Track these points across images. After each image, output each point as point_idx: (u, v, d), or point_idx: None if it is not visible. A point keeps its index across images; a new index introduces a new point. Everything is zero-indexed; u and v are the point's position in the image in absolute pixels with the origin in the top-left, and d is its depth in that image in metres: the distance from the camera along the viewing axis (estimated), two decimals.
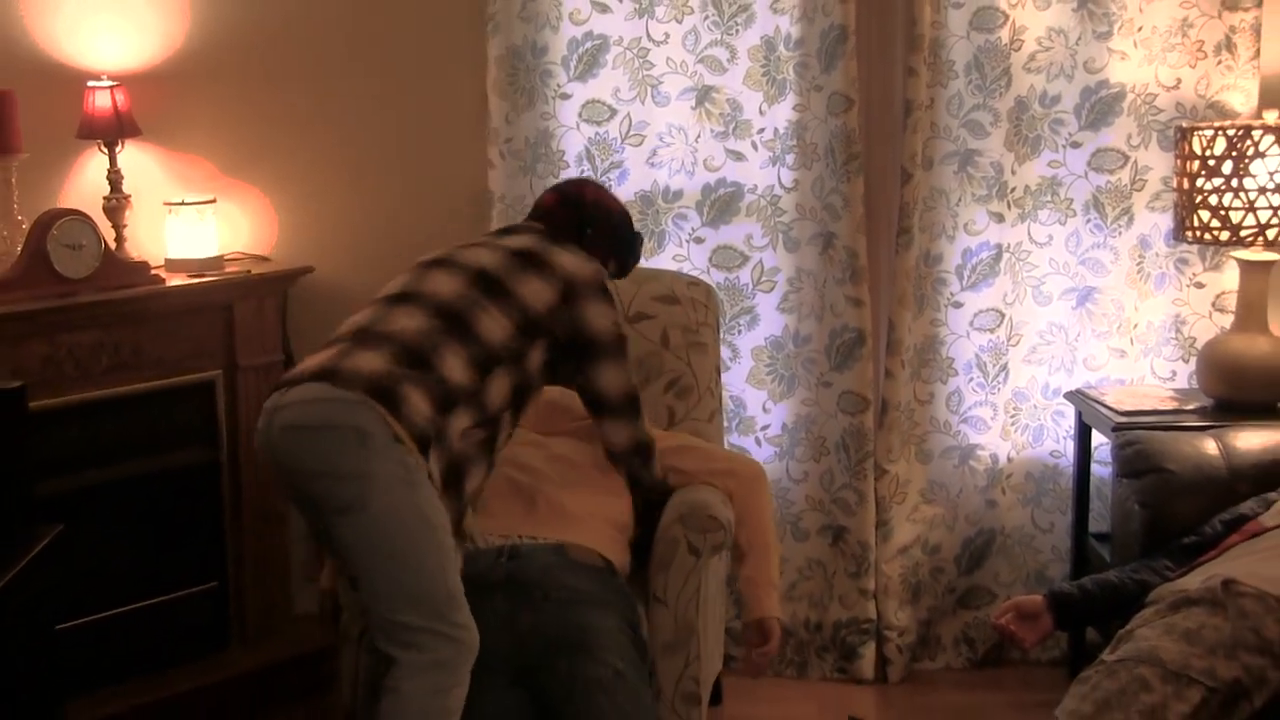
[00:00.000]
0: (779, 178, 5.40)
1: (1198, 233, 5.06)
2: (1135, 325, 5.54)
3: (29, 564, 3.75)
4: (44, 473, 4.56)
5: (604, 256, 4.21)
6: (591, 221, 4.24)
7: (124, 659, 5.15)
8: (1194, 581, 4.07)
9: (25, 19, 5.14)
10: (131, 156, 5.21)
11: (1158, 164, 5.38)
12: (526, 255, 4.00)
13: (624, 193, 5.39)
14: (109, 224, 5.10)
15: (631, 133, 5.40)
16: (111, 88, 5.06)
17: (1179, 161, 5.12)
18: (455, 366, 3.67)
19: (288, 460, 3.66)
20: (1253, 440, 4.73)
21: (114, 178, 5.13)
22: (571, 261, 4.02)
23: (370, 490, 3.49)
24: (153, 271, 5.09)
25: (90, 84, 5.06)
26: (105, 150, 5.11)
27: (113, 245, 5.04)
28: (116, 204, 5.14)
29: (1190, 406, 5.18)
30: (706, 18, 5.31)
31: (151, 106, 5.24)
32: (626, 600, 4.09)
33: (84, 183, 5.26)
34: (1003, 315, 5.50)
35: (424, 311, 3.78)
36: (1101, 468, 5.44)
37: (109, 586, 5.13)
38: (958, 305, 5.49)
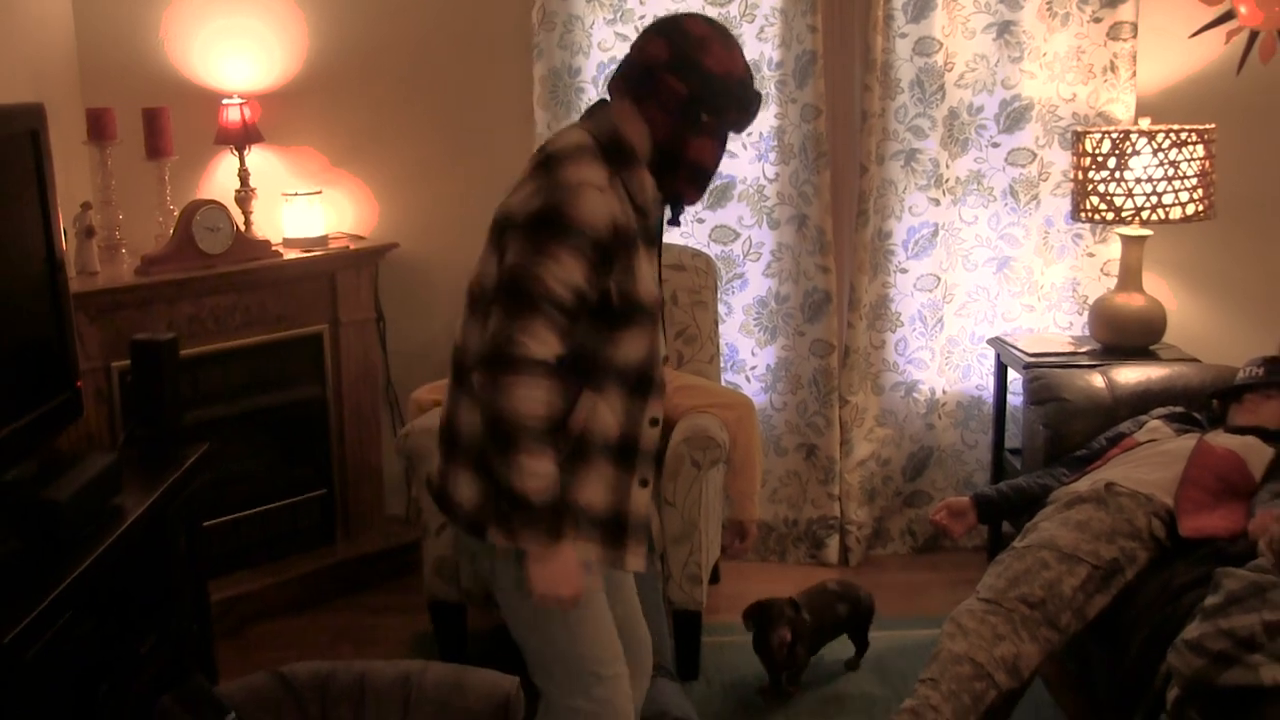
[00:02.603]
0: (763, 171, 5.50)
1: (1089, 214, 5.16)
2: (1041, 286, 5.65)
3: (182, 475, 3.94)
4: (192, 404, 4.77)
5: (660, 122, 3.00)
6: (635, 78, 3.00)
7: (253, 549, 5.32)
8: (1083, 485, 4.24)
9: (175, 51, 5.29)
10: (256, 157, 5.32)
11: (1059, 160, 5.50)
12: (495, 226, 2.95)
13: None
14: (239, 211, 5.22)
15: None
16: (240, 104, 5.19)
17: (1075, 158, 5.20)
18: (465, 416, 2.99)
19: None
20: (1130, 375, 4.88)
21: (243, 175, 5.26)
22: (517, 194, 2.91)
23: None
24: (273, 248, 5.18)
25: (224, 101, 5.19)
26: (236, 153, 5.25)
27: (242, 227, 5.17)
28: (245, 195, 5.27)
29: (1083, 349, 5.28)
30: None
31: (272, 118, 5.36)
32: None
33: (220, 179, 5.39)
34: (939, 279, 5.61)
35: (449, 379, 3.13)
36: (1015, 398, 5.52)
37: (242, 493, 5.27)
38: (904, 271, 5.59)
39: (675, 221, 3.21)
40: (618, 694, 3.03)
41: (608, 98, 3.08)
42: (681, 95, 2.93)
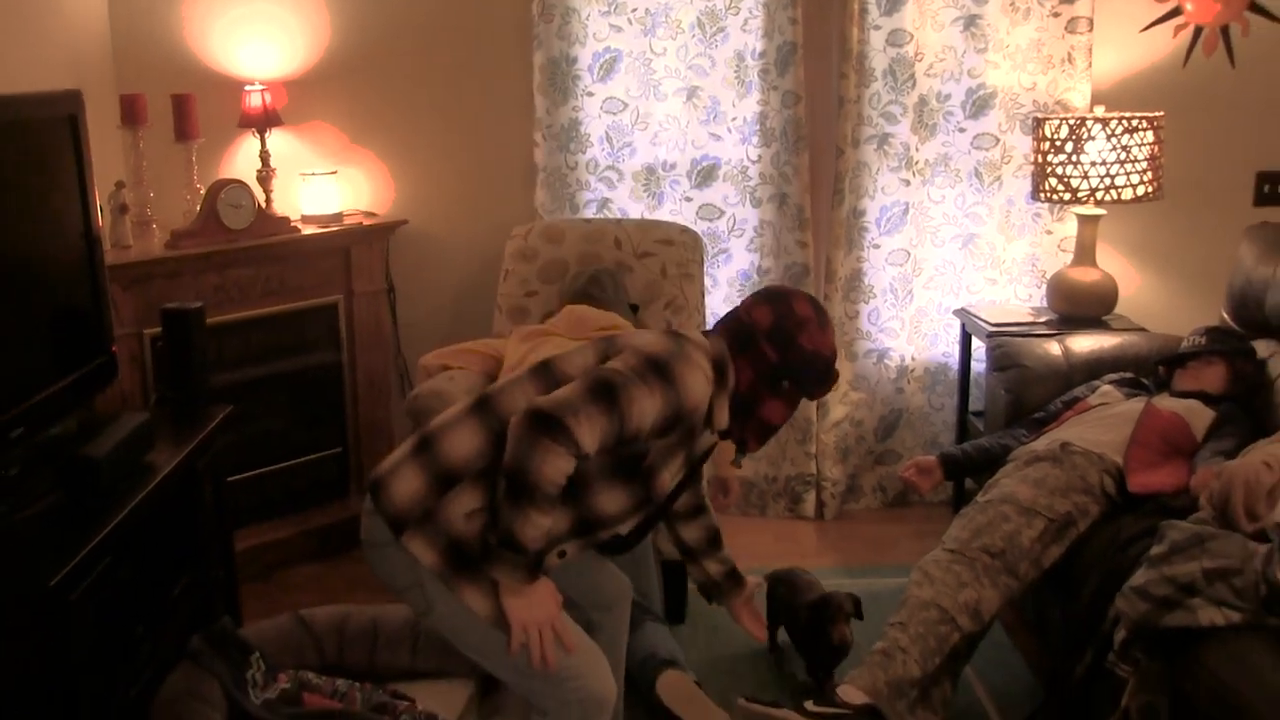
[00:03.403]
0: (747, 154, 5.50)
1: (1048, 195, 5.19)
2: (1003, 261, 5.66)
3: (209, 433, 3.95)
4: (217, 369, 4.78)
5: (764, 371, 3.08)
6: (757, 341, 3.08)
7: (274, 502, 5.34)
8: (1041, 444, 4.26)
9: (201, 41, 5.30)
10: (276, 140, 5.33)
11: (1020, 144, 5.51)
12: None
13: (633, 166, 5.51)
14: (261, 189, 5.24)
15: (639, 121, 5.47)
16: (261, 90, 5.21)
17: (1035, 143, 5.23)
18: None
19: None
20: (1084, 343, 4.90)
21: (264, 156, 5.27)
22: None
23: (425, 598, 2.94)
24: (292, 224, 5.19)
25: (247, 88, 5.21)
26: (258, 136, 5.26)
27: (264, 205, 5.18)
28: (266, 174, 5.28)
29: (1042, 320, 5.29)
30: (694, 36, 5.38)
31: (290, 103, 5.39)
32: None
33: (242, 159, 5.40)
34: (909, 254, 5.62)
35: None
36: (978, 364, 5.55)
37: (263, 450, 5.29)
38: (876, 246, 5.59)
39: (736, 463, 3.56)
40: (603, 678, 2.98)
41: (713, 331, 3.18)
42: (772, 361, 3.06)
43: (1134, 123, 5.06)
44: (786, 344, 3.06)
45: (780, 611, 4.26)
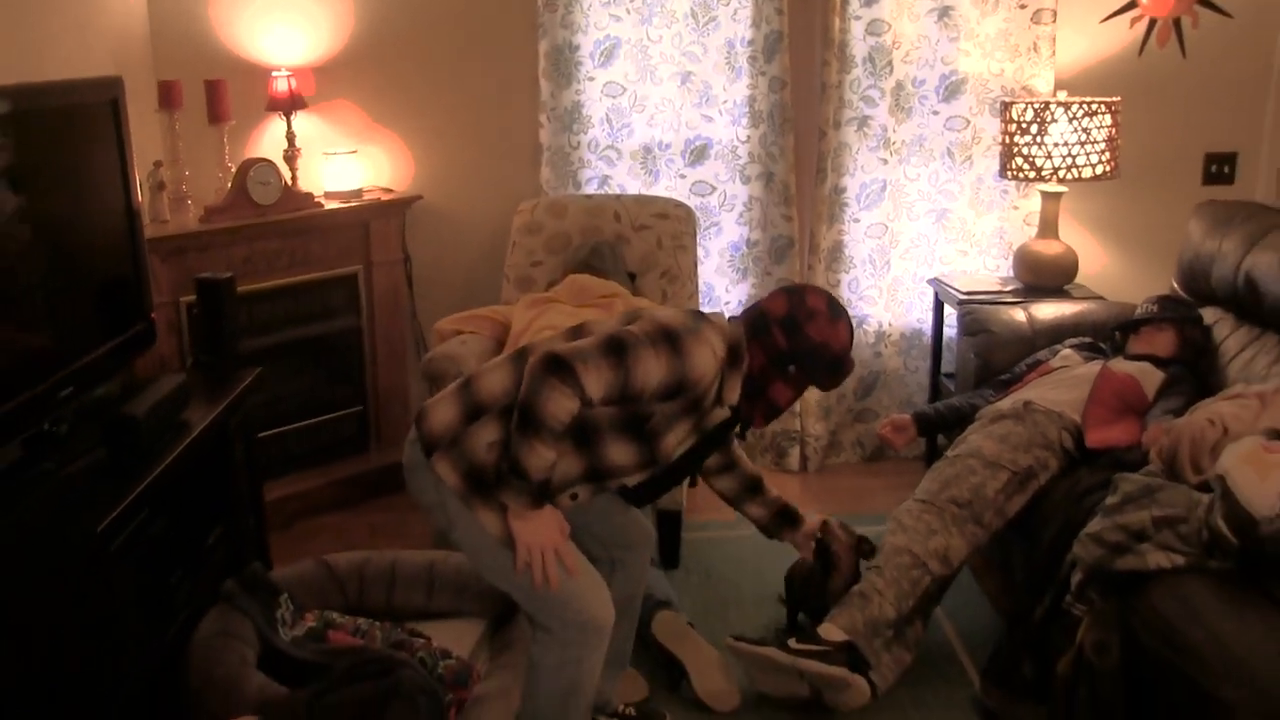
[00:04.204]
0: (736, 134, 5.49)
1: (1014, 173, 5.20)
2: (973, 234, 5.66)
3: (239, 393, 4.00)
4: (247, 334, 4.84)
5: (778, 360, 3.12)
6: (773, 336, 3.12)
7: (300, 456, 5.35)
8: (1006, 404, 4.27)
9: (232, 31, 5.28)
10: (301, 121, 5.32)
11: (989, 126, 5.50)
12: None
13: (630, 146, 5.49)
14: (287, 168, 5.22)
15: (636, 104, 5.45)
16: (288, 76, 5.18)
17: (1003, 125, 5.23)
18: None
19: None
20: (1047, 311, 4.92)
21: (290, 136, 5.25)
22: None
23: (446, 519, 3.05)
24: (315, 199, 5.18)
25: (274, 74, 5.18)
26: (284, 118, 5.23)
27: (290, 182, 5.16)
28: (291, 154, 5.26)
29: (1008, 288, 5.30)
30: (687, 25, 5.36)
31: (315, 87, 5.37)
32: None
33: (270, 140, 5.38)
34: (886, 227, 5.60)
35: None
36: (950, 330, 5.53)
37: (290, 409, 5.30)
38: (856, 221, 5.58)
39: (742, 436, 3.43)
40: (598, 605, 3.02)
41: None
42: (781, 347, 3.11)
43: (1093, 107, 5.06)
44: (795, 332, 3.11)
45: (797, 582, 4.16)
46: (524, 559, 2.91)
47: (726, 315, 3.31)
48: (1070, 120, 5.05)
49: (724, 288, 5.71)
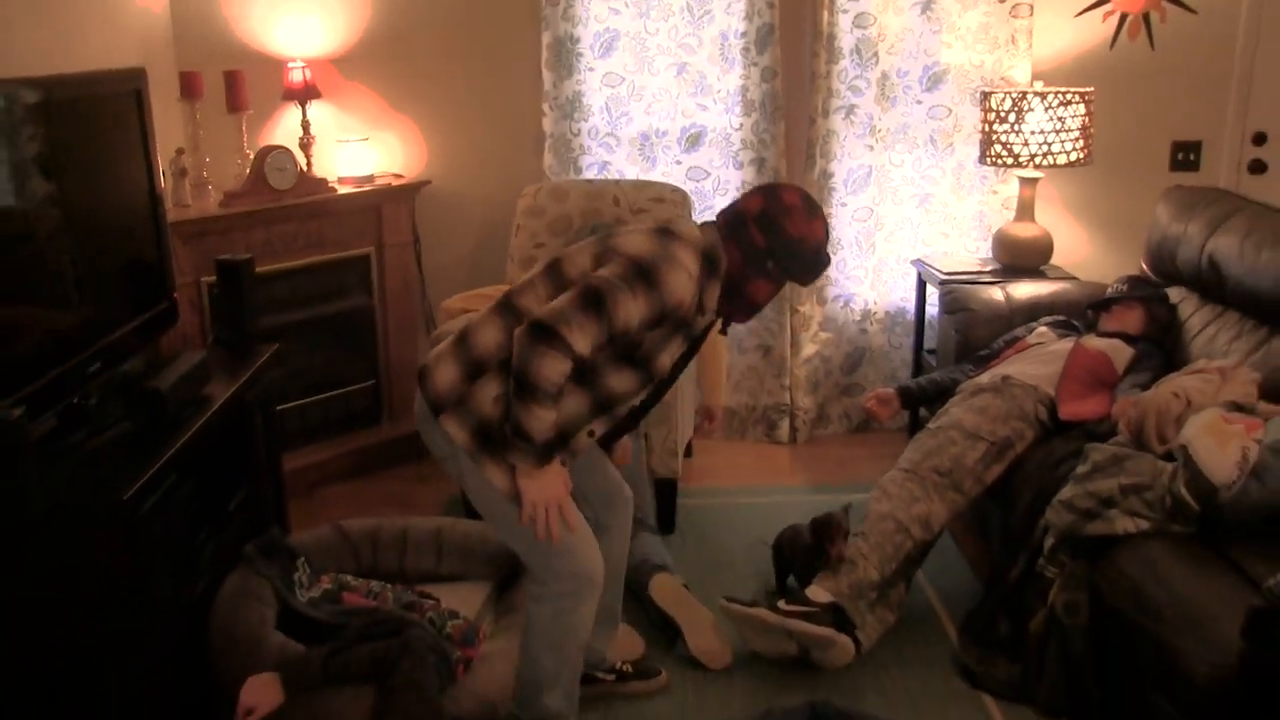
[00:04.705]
0: (730, 122, 5.47)
1: (993, 159, 5.20)
2: (954, 218, 5.66)
3: (258, 368, 4.01)
4: (265, 312, 4.78)
5: (757, 258, 3.05)
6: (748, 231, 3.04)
7: (315, 428, 5.36)
8: (985, 378, 4.28)
9: (250, 24, 5.29)
10: (316, 110, 5.32)
11: (969, 115, 5.49)
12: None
13: (629, 133, 5.47)
14: (302, 154, 5.22)
15: (634, 93, 5.44)
16: (302, 67, 5.19)
17: (982, 113, 5.23)
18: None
19: None
20: (1024, 290, 4.93)
21: (305, 124, 5.25)
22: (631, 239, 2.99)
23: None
24: (330, 184, 5.19)
25: (289, 65, 5.19)
26: (300, 107, 5.23)
27: (305, 168, 5.16)
28: (307, 141, 5.26)
29: (987, 269, 5.29)
30: (683, 18, 5.35)
31: (328, 77, 5.37)
32: None
33: (286, 128, 5.39)
34: (872, 211, 5.60)
35: None
36: (932, 308, 5.54)
37: (306, 383, 5.30)
38: (844, 204, 5.58)
39: (724, 331, 3.41)
40: (589, 560, 3.06)
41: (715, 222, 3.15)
42: (758, 245, 3.04)
43: (1068, 97, 5.06)
44: (772, 229, 3.04)
45: (785, 550, 4.16)
46: (529, 514, 2.93)
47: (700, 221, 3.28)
48: (1046, 109, 5.05)
49: None
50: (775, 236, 3.05)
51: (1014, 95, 5.10)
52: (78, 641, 3.00)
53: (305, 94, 5.23)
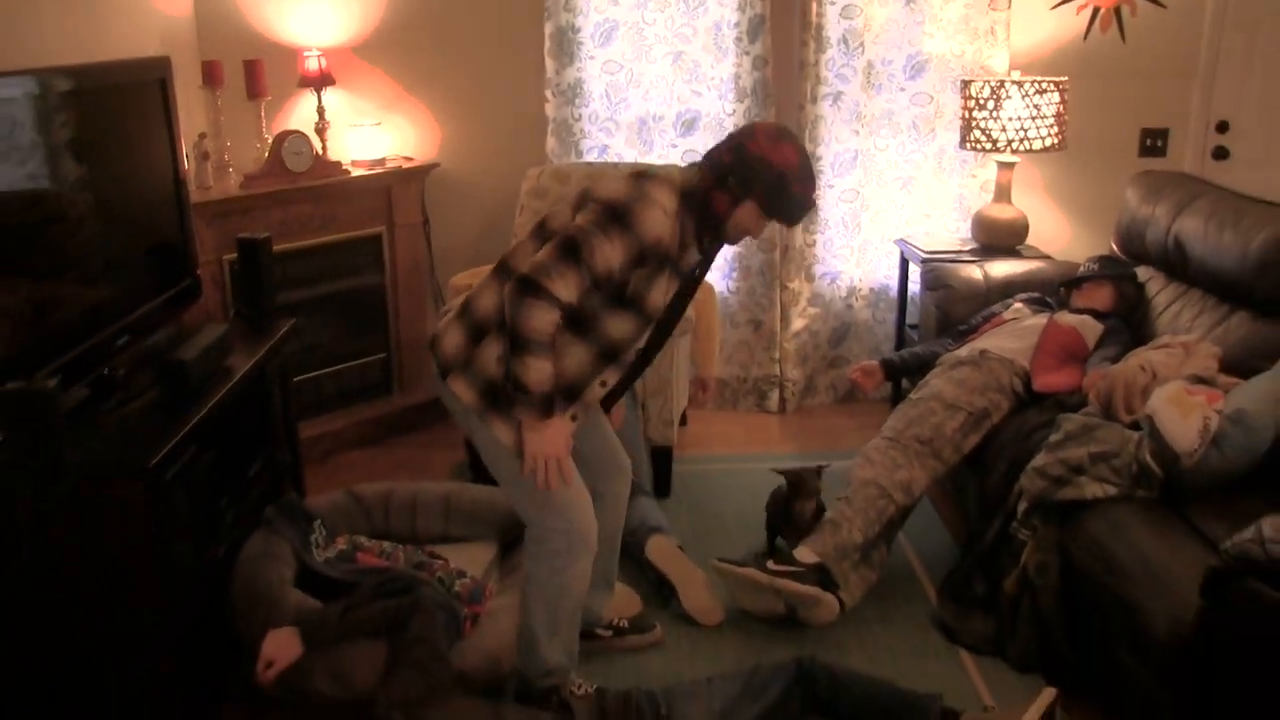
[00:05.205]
0: (723, 108, 5.47)
1: (973, 144, 5.20)
2: (936, 199, 5.66)
3: (276, 342, 4.02)
4: (283, 288, 4.86)
5: (740, 196, 2.99)
6: (728, 166, 2.98)
7: (330, 398, 5.37)
8: (963, 351, 4.30)
9: (268, 15, 5.27)
10: (330, 96, 5.31)
11: (950, 102, 5.49)
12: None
13: (627, 118, 5.47)
14: (318, 139, 5.20)
15: (632, 80, 5.44)
16: (318, 56, 5.18)
17: (963, 100, 5.22)
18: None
19: None
20: (1000, 269, 4.96)
21: (320, 110, 5.23)
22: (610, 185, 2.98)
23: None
24: (343, 167, 5.19)
25: (305, 54, 5.18)
26: (315, 94, 5.23)
27: (320, 152, 5.15)
28: (322, 126, 5.24)
29: (966, 248, 5.30)
30: (679, 9, 5.35)
31: (342, 65, 5.35)
32: None
33: (302, 113, 5.39)
34: (858, 193, 5.61)
35: None
36: (914, 285, 5.53)
37: (320, 356, 5.31)
38: (831, 187, 5.59)
39: (706, 253, 3.17)
40: (584, 521, 3.09)
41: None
42: (724, 163, 2.97)
43: (1043, 86, 5.07)
44: (736, 148, 2.98)
45: (770, 510, 4.24)
46: (529, 466, 2.96)
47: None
48: (1023, 97, 5.05)
49: None
50: (737, 154, 2.98)
51: (992, 84, 5.10)
52: (108, 599, 3.03)
53: (320, 81, 5.22)
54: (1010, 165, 5.33)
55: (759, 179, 2.97)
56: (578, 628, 3.25)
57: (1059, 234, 5.72)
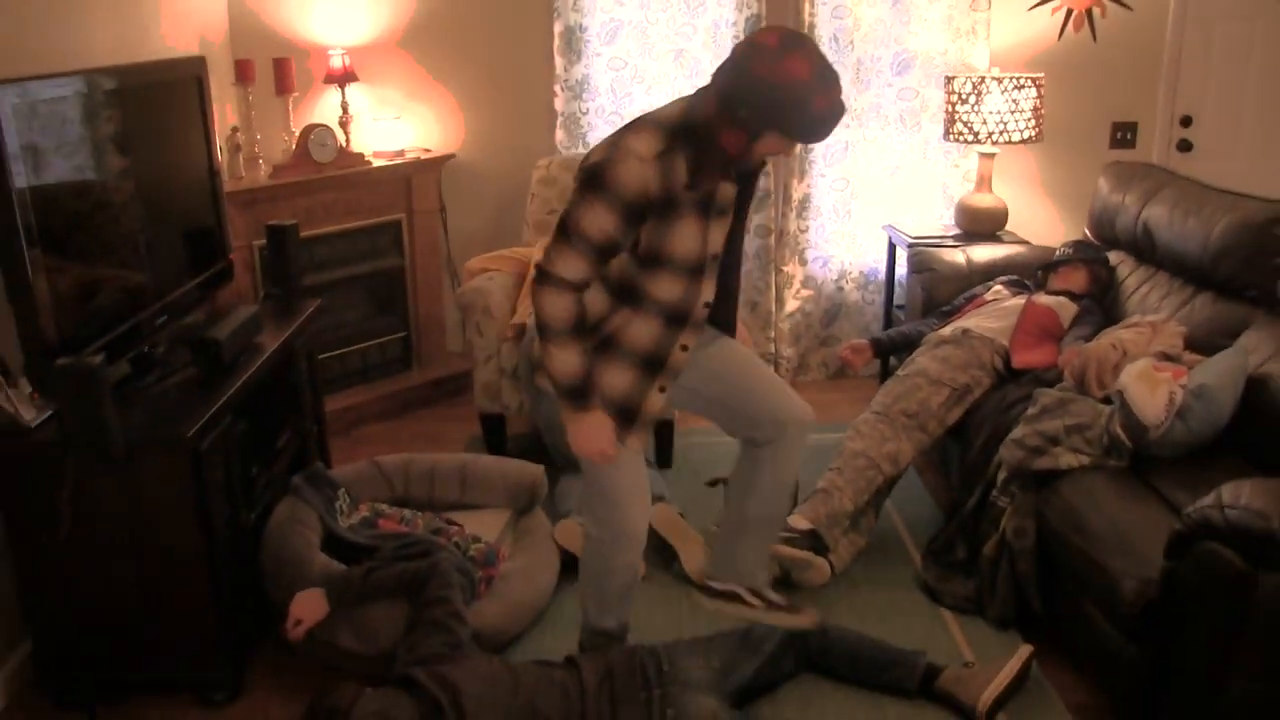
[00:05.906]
0: None
1: (956, 136, 5.19)
2: (921, 188, 5.63)
3: (303, 321, 4.04)
4: (309, 271, 4.88)
5: (739, 118, 2.49)
6: (727, 87, 2.50)
7: (353, 374, 5.36)
8: (947, 331, 4.29)
9: (296, 16, 5.27)
10: (354, 91, 5.31)
11: (935, 97, 5.47)
12: None
13: (632, 112, 5.38)
14: (341, 131, 5.21)
15: (637, 76, 5.43)
16: (342, 54, 5.18)
17: (946, 95, 5.21)
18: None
19: None
20: (982, 253, 4.93)
21: (344, 105, 5.23)
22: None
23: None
24: (365, 158, 5.19)
25: (330, 52, 5.18)
26: (339, 89, 5.23)
27: (344, 144, 5.17)
28: (345, 120, 5.24)
29: (950, 234, 5.29)
30: (680, 9, 5.34)
31: (365, 63, 5.35)
32: None
33: (327, 108, 5.37)
34: (849, 181, 5.60)
35: None
36: (901, 268, 5.52)
37: (344, 335, 5.32)
38: (823, 176, 5.57)
39: (741, 181, 2.75)
40: (630, 520, 2.94)
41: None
42: (731, 91, 2.49)
43: (1021, 82, 5.06)
44: (740, 72, 2.49)
45: None
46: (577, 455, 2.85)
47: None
48: (1002, 92, 5.05)
49: None
50: (743, 79, 2.48)
51: (974, 80, 5.09)
52: (151, 558, 3.07)
53: (344, 78, 5.22)
54: (991, 156, 5.33)
55: (772, 105, 2.48)
56: (629, 604, 3.16)
57: (1036, 220, 5.71)
